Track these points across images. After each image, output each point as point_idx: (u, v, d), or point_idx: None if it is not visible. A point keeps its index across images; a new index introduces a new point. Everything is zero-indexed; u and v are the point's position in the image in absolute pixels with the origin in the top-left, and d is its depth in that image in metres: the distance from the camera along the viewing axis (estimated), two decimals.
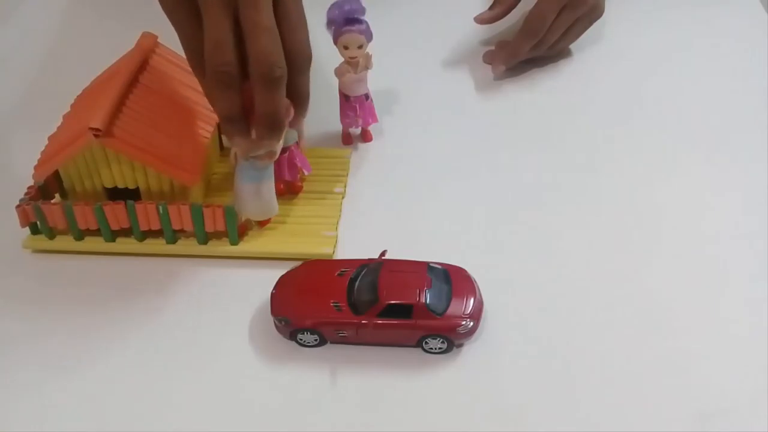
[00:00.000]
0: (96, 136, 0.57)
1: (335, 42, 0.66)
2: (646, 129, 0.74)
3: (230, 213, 0.60)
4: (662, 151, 0.71)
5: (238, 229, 0.62)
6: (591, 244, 0.63)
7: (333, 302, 0.56)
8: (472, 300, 0.56)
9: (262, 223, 0.63)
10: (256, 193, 0.60)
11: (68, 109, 0.65)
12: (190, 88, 0.66)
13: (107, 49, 0.67)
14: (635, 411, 0.52)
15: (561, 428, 0.52)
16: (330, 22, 0.65)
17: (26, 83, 0.81)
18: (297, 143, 0.65)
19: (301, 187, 0.67)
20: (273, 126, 0.54)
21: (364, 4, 0.65)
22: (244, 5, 0.50)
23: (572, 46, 0.83)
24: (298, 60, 0.53)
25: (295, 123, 0.57)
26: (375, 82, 0.70)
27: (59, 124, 0.64)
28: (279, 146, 0.59)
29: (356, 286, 0.56)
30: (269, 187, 0.61)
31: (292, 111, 0.56)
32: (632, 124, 0.75)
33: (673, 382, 0.53)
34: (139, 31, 0.66)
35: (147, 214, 0.61)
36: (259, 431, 0.52)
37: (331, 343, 0.56)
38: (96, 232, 0.62)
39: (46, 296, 0.60)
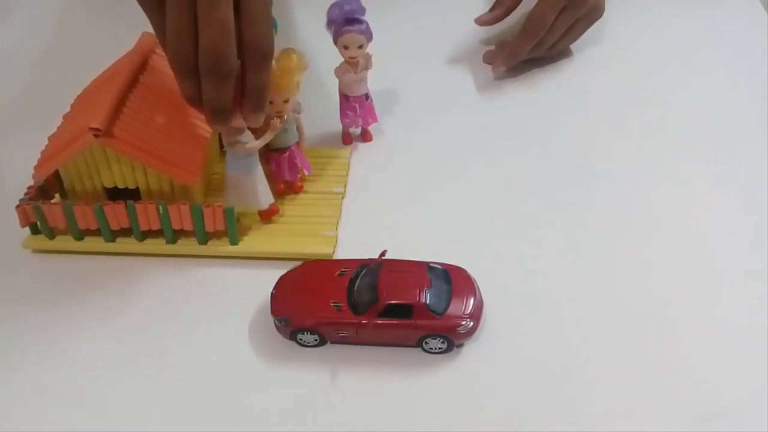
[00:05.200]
0: (96, 136, 0.57)
1: (335, 42, 0.66)
2: (647, 129, 0.74)
3: (230, 213, 0.60)
4: (662, 151, 0.71)
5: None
6: (592, 244, 0.63)
7: (333, 302, 0.56)
8: (472, 300, 0.56)
9: (264, 216, 0.64)
10: (234, 182, 0.61)
11: (68, 109, 0.65)
12: None
13: (107, 49, 0.67)
14: (635, 411, 0.52)
15: (560, 428, 0.52)
16: (330, 22, 0.65)
17: (26, 83, 0.81)
18: (297, 143, 0.65)
19: (301, 187, 0.67)
20: (216, 114, 0.54)
21: (364, 4, 0.65)
22: None
23: (572, 46, 0.83)
24: (254, 54, 0.53)
25: (251, 120, 0.56)
26: (375, 82, 0.70)
27: (59, 124, 0.64)
28: (249, 140, 0.59)
29: (356, 286, 0.56)
30: (250, 181, 0.61)
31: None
32: (632, 124, 0.75)
33: (674, 383, 0.53)
34: (139, 31, 0.66)
35: (147, 214, 0.61)
36: (258, 431, 0.52)
37: (331, 343, 0.56)
38: (96, 232, 0.62)
39: (46, 296, 0.60)
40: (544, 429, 0.52)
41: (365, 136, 0.73)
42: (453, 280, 0.57)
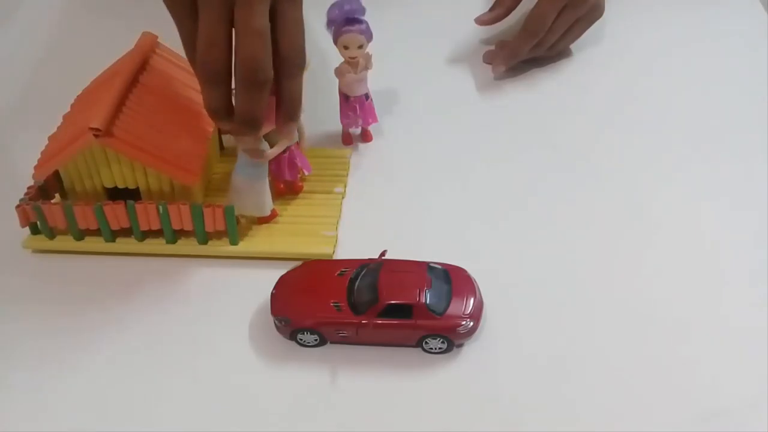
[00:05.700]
0: (96, 136, 0.57)
1: (335, 42, 0.66)
2: (647, 129, 0.74)
3: (230, 213, 0.60)
4: (663, 151, 0.71)
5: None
6: (592, 244, 0.63)
7: (333, 302, 0.56)
8: (472, 300, 0.56)
9: (260, 220, 0.64)
10: (240, 187, 0.61)
11: (68, 109, 0.65)
12: (190, 88, 0.66)
13: (107, 49, 0.67)
14: (635, 411, 0.52)
15: (560, 428, 0.52)
16: (330, 22, 0.65)
17: (26, 83, 0.81)
18: (297, 143, 0.65)
19: (301, 187, 0.67)
20: (248, 124, 0.54)
21: (364, 4, 0.65)
22: (238, 6, 0.51)
23: (572, 46, 0.83)
24: (289, 64, 0.53)
25: (285, 129, 0.57)
26: (375, 82, 0.70)
27: (59, 124, 0.64)
28: (266, 147, 0.60)
29: (356, 286, 0.56)
30: (258, 189, 0.61)
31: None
32: (632, 124, 0.75)
33: (674, 383, 0.53)
34: (139, 31, 0.66)
35: (147, 214, 0.61)
36: (258, 431, 0.52)
37: (331, 343, 0.56)
38: (96, 232, 0.62)
39: (46, 296, 0.60)
40: (544, 429, 0.52)
41: (365, 136, 0.73)
42: (453, 280, 0.57)
